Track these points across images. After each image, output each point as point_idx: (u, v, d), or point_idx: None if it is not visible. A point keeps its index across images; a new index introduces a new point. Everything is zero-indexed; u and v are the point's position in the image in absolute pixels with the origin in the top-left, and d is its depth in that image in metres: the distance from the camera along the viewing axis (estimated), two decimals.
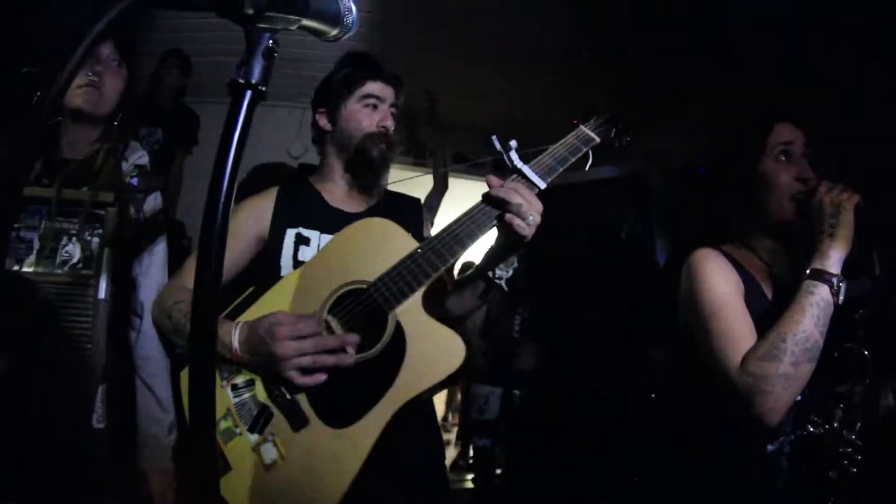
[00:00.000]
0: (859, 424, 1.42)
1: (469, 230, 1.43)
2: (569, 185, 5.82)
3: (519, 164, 1.43)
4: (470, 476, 4.74)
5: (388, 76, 1.82)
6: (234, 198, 0.62)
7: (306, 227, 1.73)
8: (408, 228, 1.60)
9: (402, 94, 1.86)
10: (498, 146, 1.41)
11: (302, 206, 1.77)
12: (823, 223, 1.41)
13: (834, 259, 1.38)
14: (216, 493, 0.68)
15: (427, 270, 1.43)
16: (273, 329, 1.41)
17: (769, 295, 1.54)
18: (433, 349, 1.41)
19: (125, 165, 1.72)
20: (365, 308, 1.47)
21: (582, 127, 1.57)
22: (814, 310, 1.35)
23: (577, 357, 3.85)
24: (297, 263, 1.68)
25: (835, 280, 1.36)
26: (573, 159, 1.51)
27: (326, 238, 1.71)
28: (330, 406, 1.44)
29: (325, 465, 1.41)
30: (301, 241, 1.71)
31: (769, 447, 1.43)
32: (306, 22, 0.75)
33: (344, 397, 1.43)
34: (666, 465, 1.69)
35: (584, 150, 1.54)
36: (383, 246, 1.51)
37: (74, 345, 1.57)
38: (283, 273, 1.67)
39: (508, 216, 1.37)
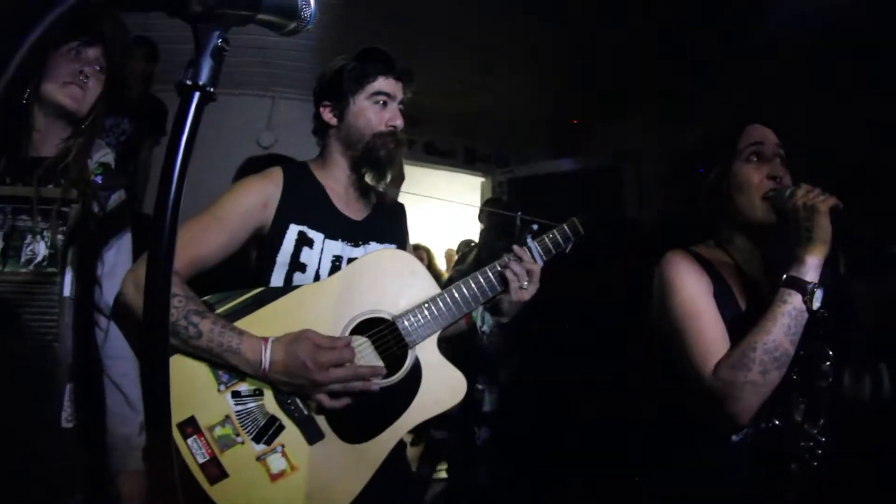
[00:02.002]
0: (822, 420, 1.43)
1: (483, 290, 1.68)
2: (544, 174, 5.89)
3: (530, 243, 1.72)
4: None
5: (400, 72, 1.78)
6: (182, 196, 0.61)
7: (311, 227, 1.69)
8: (398, 234, 1.88)
9: (410, 89, 1.81)
10: (518, 223, 1.85)
11: (308, 202, 1.72)
12: (799, 228, 1.41)
13: (810, 265, 1.39)
14: (177, 494, 0.68)
15: (447, 317, 1.64)
16: (317, 356, 1.46)
17: (738, 296, 1.56)
18: (443, 384, 1.62)
19: (89, 163, 1.69)
20: (391, 338, 1.61)
21: (575, 220, 1.78)
22: (785, 319, 1.38)
23: (549, 348, 3.89)
24: (295, 263, 1.66)
25: (809, 287, 1.38)
26: (563, 245, 1.77)
27: (330, 244, 1.70)
28: (347, 423, 1.54)
29: (337, 476, 1.52)
30: (304, 241, 1.67)
31: (734, 437, 1.46)
32: (261, 16, 0.72)
33: (361, 416, 1.55)
34: (638, 455, 1.72)
35: (574, 239, 1.78)
36: (409, 282, 1.67)
37: (40, 343, 1.54)
38: (276, 269, 1.65)
39: (514, 284, 1.66)
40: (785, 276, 1.41)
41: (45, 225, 1.57)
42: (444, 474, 4.59)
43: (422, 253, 4.89)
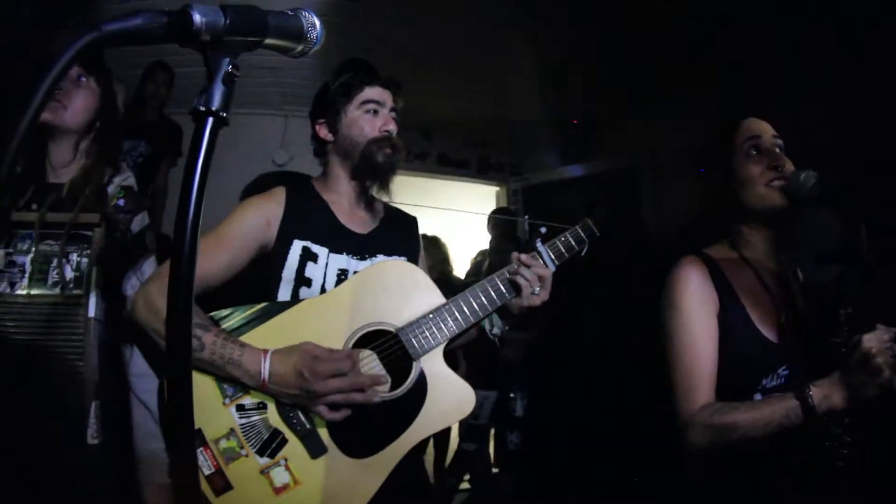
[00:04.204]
0: (846, 419, 1.41)
1: (490, 298, 1.65)
2: (559, 181, 5.89)
3: (540, 247, 1.69)
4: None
5: (386, 81, 1.81)
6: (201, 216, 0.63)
7: (315, 242, 1.71)
8: (408, 247, 1.85)
9: (400, 98, 1.84)
10: (527, 227, 1.76)
11: (311, 217, 1.74)
12: (854, 373, 1.32)
13: (833, 404, 1.33)
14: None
15: (453, 328, 1.62)
16: (314, 366, 1.46)
17: (745, 300, 1.56)
18: (449, 397, 1.60)
19: (111, 187, 1.74)
20: (396, 350, 1.59)
21: (588, 221, 1.76)
22: (779, 423, 1.36)
23: (573, 354, 3.89)
24: (300, 278, 1.67)
25: (818, 418, 1.34)
26: (577, 248, 1.74)
27: (335, 257, 1.72)
28: (349, 437, 1.54)
29: (340, 491, 1.51)
30: (309, 256, 1.69)
31: None
32: (268, 41, 0.75)
33: (364, 431, 1.54)
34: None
35: (587, 242, 1.76)
36: (413, 293, 1.66)
37: (66, 362, 1.59)
38: (282, 284, 1.67)
39: (526, 290, 1.62)
40: (805, 394, 1.34)
41: (69, 249, 1.62)
42: (465, 484, 4.59)
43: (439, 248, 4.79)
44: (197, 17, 0.64)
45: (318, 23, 0.80)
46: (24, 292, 1.59)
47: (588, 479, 3.60)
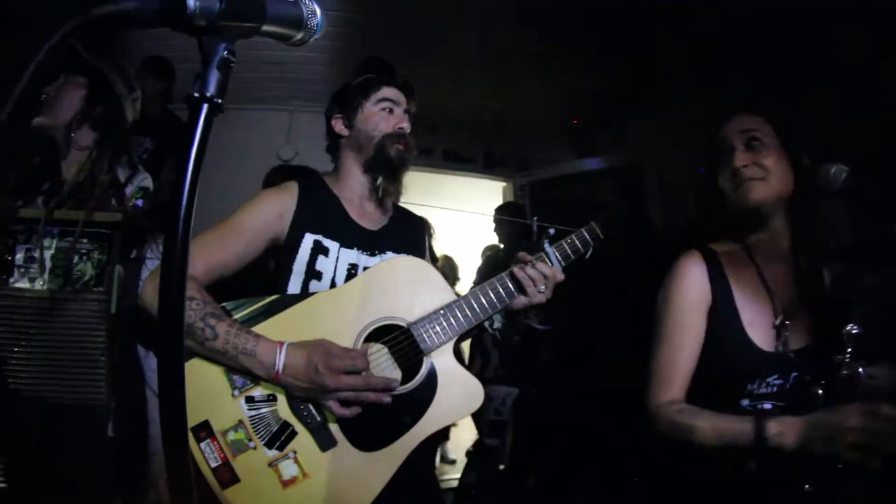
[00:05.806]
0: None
1: (499, 296, 1.67)
2: (565, 176, 5.86)
3: (548, 248, 1.72)
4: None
5: (402, 83, 1.87)
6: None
7: (326, 236, 1.73)
8: (416, 246, 1.89)
9: (414, 102, 1.89)
10: (535, 228, 1.82)
11: (323, 212, 1.77)
12: (826, 430, 1.28)
13: (786, 442, 1.31)
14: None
15: (463, 324, 1.64)
16: (329, 361, 1.47)
17: (740, 305, 1.54)
18: (459, 392, 1.61)
19: (130, 188, 1.76)
20: (407, 345, 1.61)
21: (594, 224, 1.79)
22: (730, 439, 1.38)
23: (588, 353, 3.88)
24: (311, 272, 1.69)
25: (766, 444, 1.33)
26: (582, 251, 1.77)
27: (346, 252, 1.74)
28: (360, 431, 1.54)
29: (349, 484, 1.51)
30: (320, 250, 1.71)
31: None
32: (266, 27, 0.73)
33: (375, 424, 1.54)
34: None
35: (593, 244, 1.78)
36: (424, 289, 1.67)
37: (88, 357, 1.62)
38: (292, 277, 1.69)
39: (531, 289, 1.66)
40: (763, 423, 1.34)
41: (91, 247, 1.65)
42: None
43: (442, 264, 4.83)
44: (191, 2, 0.63)
45: (318, 10, 0.79)
46: (45, 287, 1.62)
47: (594, 477, 3.59)
